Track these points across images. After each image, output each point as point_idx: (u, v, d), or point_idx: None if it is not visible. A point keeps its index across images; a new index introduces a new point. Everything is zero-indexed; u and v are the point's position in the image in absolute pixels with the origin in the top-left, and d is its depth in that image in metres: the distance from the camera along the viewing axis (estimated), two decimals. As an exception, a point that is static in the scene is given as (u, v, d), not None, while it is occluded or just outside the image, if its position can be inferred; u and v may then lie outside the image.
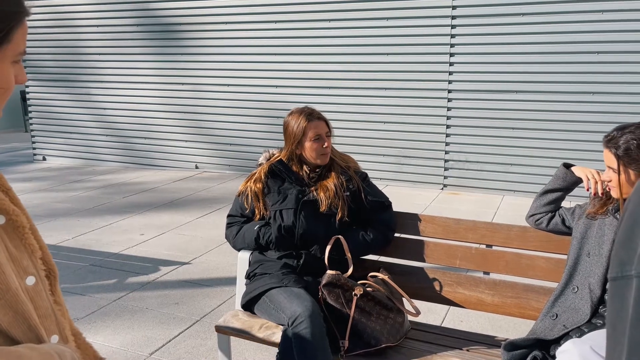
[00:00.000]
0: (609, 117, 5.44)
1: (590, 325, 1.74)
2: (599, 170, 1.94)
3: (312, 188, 2.21)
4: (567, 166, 2.01)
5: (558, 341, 1.77)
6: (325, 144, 2.20)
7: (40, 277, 0.86)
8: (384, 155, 6.39)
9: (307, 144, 2.19)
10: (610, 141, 1.76)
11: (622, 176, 1.74)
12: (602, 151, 5.61)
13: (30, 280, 0.84)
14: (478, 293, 2.16)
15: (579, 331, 1.73)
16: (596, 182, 1.90)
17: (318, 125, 2.20)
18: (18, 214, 0.84)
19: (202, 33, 6.96)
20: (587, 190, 1.93)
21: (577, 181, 1.98)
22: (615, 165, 1.75)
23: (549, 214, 2.03)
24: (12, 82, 0.84)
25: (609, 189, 1.83)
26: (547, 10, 5.47)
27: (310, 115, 2.21)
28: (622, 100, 5.38)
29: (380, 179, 6.39)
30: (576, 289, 1.81)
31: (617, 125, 1.81)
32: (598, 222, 1.84)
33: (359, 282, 2.05)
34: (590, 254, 1.81)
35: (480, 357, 1.94)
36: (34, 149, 8.37)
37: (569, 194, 2.06)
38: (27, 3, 0.82)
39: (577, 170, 1.97)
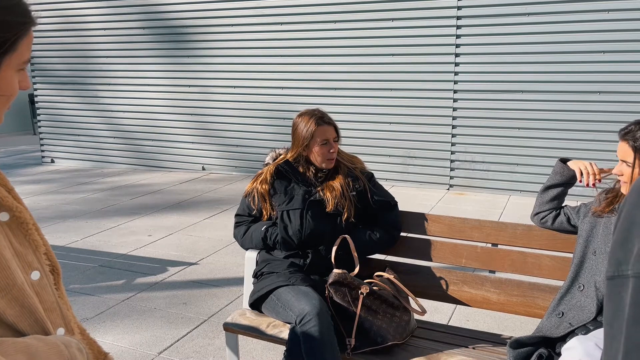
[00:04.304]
0: (615, 117, 5.43)
1: (595, 322, 1.75)
2: (594, 163, 1.95)
3: (319, 188, 2.23)
4: (564, 161, 2.02)
5: (564, 339, 1.78)
6: (332, 149, 2.22)
7: (45, 272, 0.88)
8: (390, 155, 6.41)
9: (315, 148, 2.21)
10: (627, 134, 1.75)
11: (637, 170, 1.73)
12: (609, 150, 5.62)
13: (35, 275, 0.86)
14: (484, 292, 2.17)
15: (585, 329, 1.74)
16: (588, 174, 1.90)
17: (327, 130, 2.22)
18: (22, 211, 0.86)
19: (209, 35, 7.00)
20: (580, 181, 1.93)
21: (574, 175, 1.98)
22: (630, 159, 1.74)
23: (554, 212, 2.03)
24: (15, 89, 0.86)
25: (620, 184, 1.83)
26: (552, 10, 5.47)
27: (320, 119, 2.22)
28: (629, 100, 5.37)
29: (387, 179, 6.40)
30: (582, 287, 1.82)
31: (636, 119, 1.82)
32: (604, 220, 1.84)
33: (365, 281, 2.07)
34: (596, 252, 1.81)
35: (486, 355, 1.95)
36: (43, 151, 8.44)
37: (575, 194, 2.07)
38: (33, 13, 0.84)
39: (571, 164, 1.98)
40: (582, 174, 1.93)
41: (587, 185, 1.91)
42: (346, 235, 2.14)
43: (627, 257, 0.63)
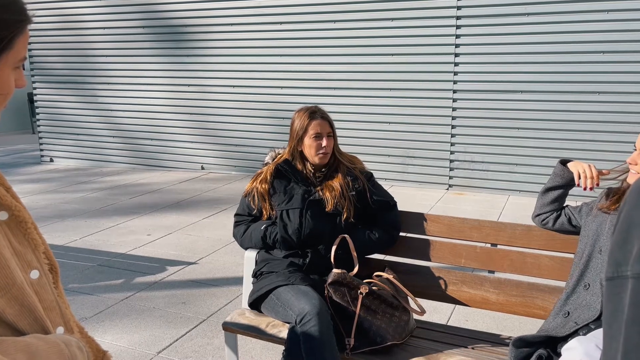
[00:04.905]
0: (614, 117, 5.43)
1: (598, 322, 1.74)
2: (593, 165, 1.94)
3: (318, 188, 2.23)
4: (565, 162, 2.02)
5: (566, 338, 1.77)
6: (324, 143, 2.22)
7: (44, 270, 0.88)
8: (389, 155, 6.41)
9: (307, 141, 2.22)
10: None
11: None
12: (608, 151, 5.61)
13: (35, 274, 0.86)
14: (483, 292, 2.17)
15: (587, 328, 1.74)
16: (586, 178, 1.90)
17: (320, 124, 2.22)
18: (20, 209, 0.86)
19: (208, 34, 6.99)
20: (578, 185, 1.93)
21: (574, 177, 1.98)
22: None
23: (555, 213, 2.03)
24: (12, 87, 0.86)
25: (626, 183, 1.82)
26: (552, 10, 5.47)
27: (314, 113, 2.24)
28: (628, 100, 5.37)
29: (386, 179, 6.40)
30: (588, 286, 1.81)
31: None
32: (610, 218, 1.83)
33: (364, 281, 2.07)
34: (602, 250, 1.80)
35: (485, 355, 1.95)
36: (42, 150, 8.43)
37: (576, 194, 2.06)
38: (29, 11, 0.84)
39: (571, 166, 1.97)
40: (580, 177, 1.92)
41: (585, 188, 1.90)
42: (345, 235, 2.14)
43: (626, 258, 0.63)
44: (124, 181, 6.95)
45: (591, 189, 1.89)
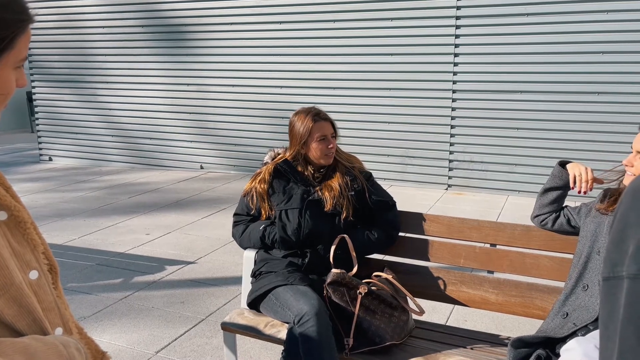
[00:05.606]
0: (613, 117, 5.43)
1: (597, 323, 1.74)
2: (590, 169, 1.95)
3: (317, 188, 2.22)
4: (563, 164, 2.02)
5: (565, 339, 1.77)
6: (330, 145, 2.22)
7: (43, 271, 0.88)
8: (388, 155, 6.40)
9: (313, 145, 2.21)
10: None
11: None
12: (606, 151, 5.61)
13: (34, 275, 0.86)
14: (482, 292, 2.17)
15: (585, 329, 1.74)
16: (581, 181, 1.90)
17: (324, 126, 2.22)
18: (20, 210, 0.86)
19: (208, 34, 6.99)
20: (572, 188, 1.94)
21: None
22: None
23: (554, 214, 2.03)
24: (13, 87, 0.85)
25: (622, 184, 1.82)
26: (551, 10, 5.47)
27: (317, 115, 2.23)
28: (627, 101, 5.37)
29: (385, 179, 6.40)
30: (586, 287, 1.81)
31: None
32: (608, 219, 1.83)
33: (363, 281, 2.07)
34: (600, 252, 1.80)
35: (484, 355, 1.95)
36: (40, 149, 8.42)
37: (575, 195, 2.06)
38: (31, 10, 0.83)
39: (569, 168, 1.98)
40: (575, 180, 1.93)
41: (579, 192, 1.91)
42: (345, 235, 2.14)
43: (622, 258, 0.63)
44: (123, 180, 6.95)
45: (584, 192, 1.90)
